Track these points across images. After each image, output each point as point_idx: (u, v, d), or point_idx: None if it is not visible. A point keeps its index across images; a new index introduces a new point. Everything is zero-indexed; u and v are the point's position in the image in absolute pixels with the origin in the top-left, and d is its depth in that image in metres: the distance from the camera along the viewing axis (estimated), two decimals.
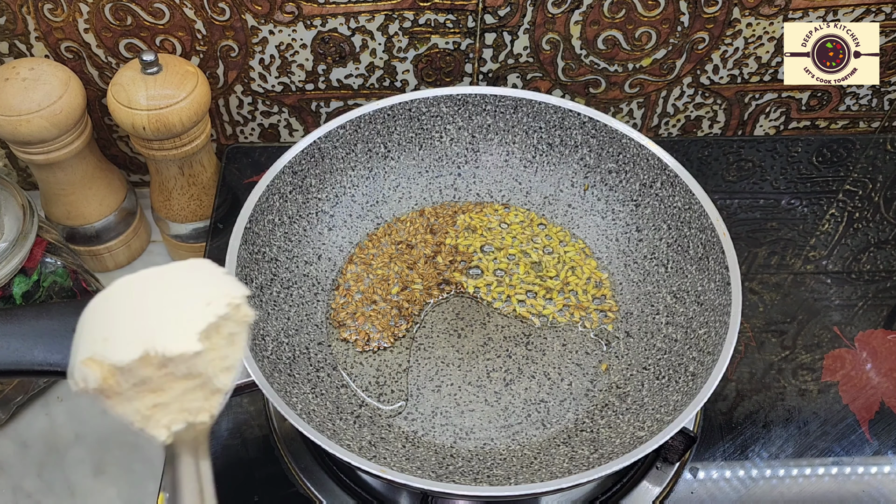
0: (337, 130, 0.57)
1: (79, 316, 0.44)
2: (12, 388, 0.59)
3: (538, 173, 0.61)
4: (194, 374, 0.34)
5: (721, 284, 0.49)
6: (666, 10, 0.62)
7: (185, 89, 0.57)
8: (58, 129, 0.57)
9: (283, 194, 0.55)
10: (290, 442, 0.53)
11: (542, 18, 0.62)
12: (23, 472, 0.57)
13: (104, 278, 0.67)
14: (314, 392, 0.49)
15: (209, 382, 0.34)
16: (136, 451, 0.59)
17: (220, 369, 0.34)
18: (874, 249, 0.65)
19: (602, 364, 0.53)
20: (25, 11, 0.60)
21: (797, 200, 0.68)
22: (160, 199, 0.65)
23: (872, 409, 0.55)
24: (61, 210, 0.65)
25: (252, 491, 0.51)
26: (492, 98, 0.59)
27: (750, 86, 0.69)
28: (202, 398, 0.35)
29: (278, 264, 0.54)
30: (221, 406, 0.35)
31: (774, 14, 0.63)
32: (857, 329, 0.59)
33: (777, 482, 0.52)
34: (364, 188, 0.60)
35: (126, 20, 0.61)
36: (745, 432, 0.54)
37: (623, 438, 0.47)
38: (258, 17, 0.61)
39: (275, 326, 0.51)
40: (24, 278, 0.55)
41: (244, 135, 0.71)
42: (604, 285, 0.57)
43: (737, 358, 0.57)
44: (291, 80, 0.66)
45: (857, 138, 0.73)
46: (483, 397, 0.52)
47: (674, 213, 0.55)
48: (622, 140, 0.57)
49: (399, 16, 0.62)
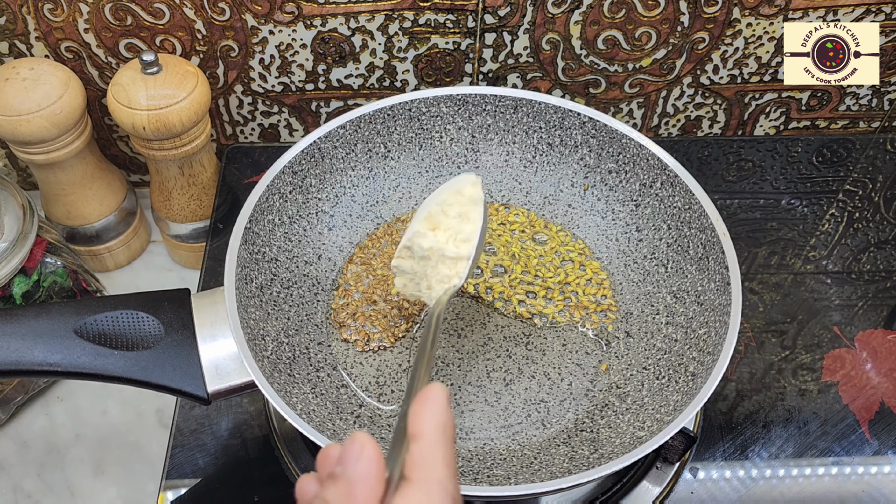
0: (337, 130, 0.57)
1: (78, 316, 0.44)
2: (12, 388, 0.59)
3: (538, 173, 0.61)
4: (429, 253, 0.47)
5: (721, 284, 0.49)
6: (666, 10, 0.62)
7: (185, 89, 0.57)
8: (58, 129, 0.57)
9: (283, 194, 0.55)
10: (290, 442, 0.53)
11: (542, 18, 0.62)
12: (23, 472, 0.57)
13: (104, 278, 0.67)
14: (314, 392, 0.49)
15: (447, 256, 0.46)
16: (136, 451, 0.59)
17: (458, 242, 0.47)
18: (874, 249, 0.65)
19: (602, 364, 0.53)
20: (25, 11, 0.60)
21: (797, 200, 0.68)
22: (160, 199, 0.65)
23: (872, 409, 0.55)
24: (61, 210, 0.65)
25: (252, 491, 0.51)
26: (492, 98, 0.59)
27: (750, 86, 0.69)
28: (449, 268, 0.47)
29: (278, 264, 0.54)
30: (468, 271, 0.46)
31: (774, 14, 0.63)
32: (857, 329, 0.59)
33: (777, 482, 0.52)
34: (364, 188, 0.60)
35: (126, 20, 0.61)
36: (745, 432, 0.54)
37: (623, 438, 0.47)
38: (258, 17, 0.61)
39: (275, 326, 0.51)
40: (24, 278, 0.55)
41: (244, 135, 0.71)
42: (604, 285, 0.57)
43: (737, 358, 0.57)
44: (291, 80, 0.66)
45: (857, 138, 0.73)
46: (483, 397, 0.52)
47: (674, 213, 0.55)
48: (622, 140, 0.57)
49: (399, 16, 0.62)
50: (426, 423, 0.26)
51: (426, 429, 0.26)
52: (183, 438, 0.53)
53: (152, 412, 0.61)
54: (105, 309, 0.44)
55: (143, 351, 0.44)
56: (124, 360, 0.44)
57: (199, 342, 0.45)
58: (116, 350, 0.44)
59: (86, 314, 0.44)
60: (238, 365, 0.45)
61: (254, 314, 0.49)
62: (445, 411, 0.27)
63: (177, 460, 0.52)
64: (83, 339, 0.43)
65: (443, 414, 0.27)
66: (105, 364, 0.43)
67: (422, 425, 0.26)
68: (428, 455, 0.26)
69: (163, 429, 0.59)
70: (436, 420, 0.26)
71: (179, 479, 0.52)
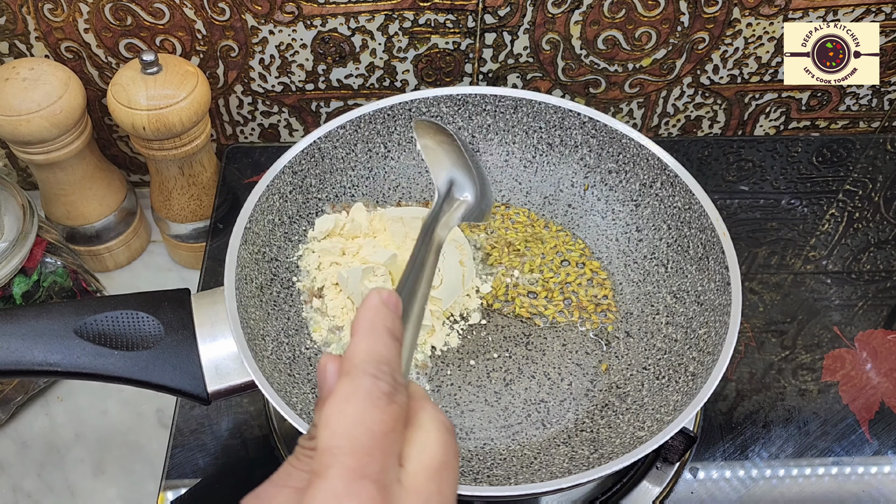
0: (337, 130, 0.57)
1: (78, 316, 0.44)
2: (12, 388, 0.59)
3: (538, 173, 0.61)
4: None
5: (721, 284, 0.49)
6: (666, 10, 0.62)
7: (185, 89, 0.57)
8: (58, 129, 0.57)
9: (283, 194, 0.55)
10: (290, 442, 0.53)
11: (542, 18, 0.62)
12: (23, 472, 0.57)
13: (104, 278, 0.67)
14: (314, 392, 0.49)
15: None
16: (136, 451, 0.59)
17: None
18: (874, 249, 0.65)
19: (602, 364, 0.53)
20: (25, 11, 0.60)
21: (797, 200, 0.68)
22: (160, 199, 0.65)
23: (872, 409, 0.55)
24: (61, 210, 0.65)
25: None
26: (492, 98, 0.59)
27: (750, 86, 0.69)
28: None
29: (278, 264, 0.54)
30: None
31: (774, 14, 0.63)
32: (857, 329, 0.59)
33: (777, 482, 0.52)
34: (364, 188, 0.60)
35: (126, 20, 0.61)
36: (745, 432, 0.54)
37: (623, 438, 0.47)
38: (258, 17, 0.61)
39: (275, 326, 0.51)
40: (24, 278, 0.55)
41: (244, 135, 0.71)
42: (604, 285, 0.57)
43: (737, 358, 0.57)
44: (291, 80, 0.66)
45: (857, 138, 0.73)
46: (483, 397, 0.52)
47: (674, 213, 0.55)
48: (622, 140, 0.57)
49: (399, 16, 0.62)
50: (357, 322, 0.29)
51: (356, 327, 0.29)
52: (183, 438, 0.53)
53: (152, 412, 0.61)
54: (105, 309, 0.44)
55: (143, 351, 0.44)
56: (124, 360, 0.44)
57: (199, 342, 0.45)
58: (116, 350, 0.44)
59: (86, 314, 0.44)
60: (238, 365, 0.45)
61: (254, 314, 0.49)
62: (374, 310, 0.29)
63: (177, 460, 0.52)
64: (83, 339, 0.43)
65: (369, 311, 0.29)
66: (105, 364, 0.43)
67: (354, 325, 0.29)
68: (352, 347, 0.28)
69: (163, 429, 0.59)
70: (363, 317, 0.29)
71: (179, 479, 0.52)
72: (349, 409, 0.26)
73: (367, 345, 0.28)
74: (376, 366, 0.27)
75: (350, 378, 0.27)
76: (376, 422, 0.26)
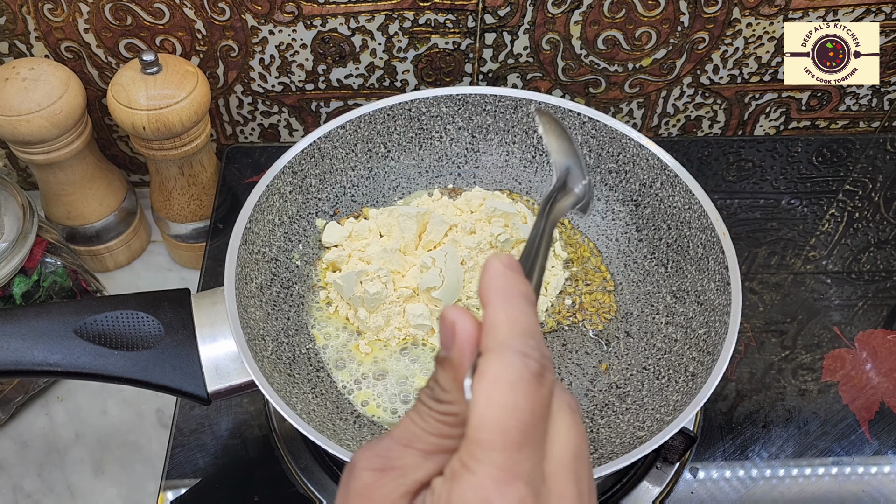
0: (337, 130, 0.57)
1: (78, 316, 0.44)
2: (12, 388, 0.59)
3: (538, 173, 0.61)
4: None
5: (721, 284, 0.49)
6: (666, 10, 0.62)
7: (185, 89, 0.57)
8: (58, 129, 0.57)
9: (283, 194, 0.55)
10: (290, 442, 0.53)
11: (542, 18, 0.62)
12: (23, 472, 0.57)
13: (104, 278, 0.67)
14: (314, 392, 0.49)
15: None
16: (136, 451, 0.59)
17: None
18: (874, 249, 0.65)
19: (602, 364, 0.53)
20: (25, 11, 0.60)
21: (797, 200, 0.68)
22: (160, 199, 0.65)
23: (872, 409, 0.55)
24: (61, 210, 0.65)
25: (252, 491, 0.51)
26: (492, 98, 0.59)
27: (750, 86, 0.69)
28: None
29: (278, 264, 0.54)
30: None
31: (774, 14, 0.63)
32: (857, 329, 0.59)
33: (777, 482, 0.52)
34: (364, 188, 0.60)
35: (126, 20, 0.61)
36: (745, 432, 0.54)
37: (623, 438, 0.47)
38: (258, 17, 0.61)
39: (275, 326, 0.51)
40: (24, 278, 0.55)
41: (244, 135, 0.71)
42: (604, 285, 0.57)
43: (737, 358, 0.57)
44: (291, 80, 0.66)
45: (857, 138, 0.73)
46: None
47: (674, 213, 0.55)
48: (622, 140, 0.57)
49: (399, 16, 0.62)
50: (488, 289, 0.26)
51: (489, 295, 0.26)
52: (183, 438, 0.53)
53: (152, 412, 0.61)
54: (105, 309, 0.44)
55: (143, 351, 0.44)
56: (124, 360, 0.44)
57: (199, 342, 0.45)
58: (116, 350, 0.44)
59: (86, 314, 0.44)
60: (238, 365, 0.45)
61: (254, 314, 0.49)
62: (503, 276, 0.26)
63: (177, 460, 0.52)
64: (83, 339, 0.43)
65: (497, 279, 0.26)
66: (105, 364, 0.43)
67: (484, 292, 0.26)
68: (491, 317, 0.25)
69: (163, 429, 0.59)
70: (492, 284, 0.26)
71: (179, 479, 0.52)
72: (500, 396, 0.24)
73: (508, 315, 0.25)
74: (523, 340, 0.25)
75: (498, 357, 0.24)
76: (527, 411, 0.24)
